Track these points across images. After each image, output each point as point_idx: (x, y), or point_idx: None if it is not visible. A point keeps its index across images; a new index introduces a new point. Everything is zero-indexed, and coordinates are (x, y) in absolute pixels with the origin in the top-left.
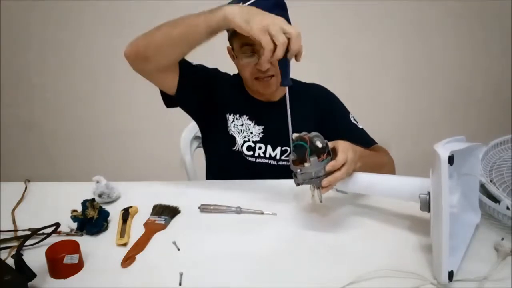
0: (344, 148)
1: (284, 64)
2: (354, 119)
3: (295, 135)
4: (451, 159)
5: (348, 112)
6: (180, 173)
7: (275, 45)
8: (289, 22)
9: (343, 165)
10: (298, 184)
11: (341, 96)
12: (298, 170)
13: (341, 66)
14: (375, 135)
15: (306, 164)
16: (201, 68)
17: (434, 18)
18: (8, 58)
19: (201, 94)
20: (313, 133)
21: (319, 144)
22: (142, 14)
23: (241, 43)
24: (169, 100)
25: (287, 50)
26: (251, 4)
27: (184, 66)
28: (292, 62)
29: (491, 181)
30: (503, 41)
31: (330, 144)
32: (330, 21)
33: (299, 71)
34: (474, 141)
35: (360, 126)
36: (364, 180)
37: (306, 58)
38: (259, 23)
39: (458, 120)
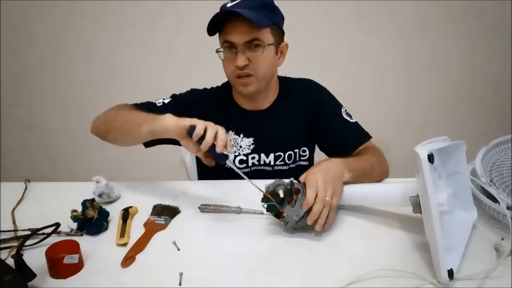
0: (311, 180)
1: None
2: (347, 113)
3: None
4: (430, 158)
5: (341, 106)
6: (180, 173)
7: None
8: (278, 25)
9: (316, 198)
10: (295, 229)
11: (341, 96)
12: (282, 223)
13: (341, 66)
14: (375, 135)
15: (284, 215)
16: (170, 108)
17: (434, 18)
18: (8, 58)
19: None
20: (274, 183)
21: (281, 193)
22: (142, 14)
23: (223, 40)
24: (146, 143)
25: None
26: (235, 5)
27: None
28: (294, 62)
29: (491, 181)
30: (503, 41)
31: (303, 176)
32: (330, 21)
33: (299, 71)
34: (475, 141)
35: (352, 120)
36: (356, 192)
37: (307, 58)
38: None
39: (458, 120)
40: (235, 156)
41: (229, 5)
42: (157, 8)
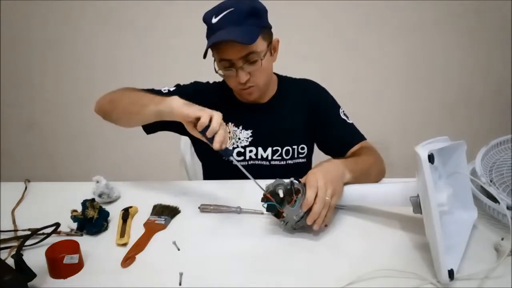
0: (311, 181)
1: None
2: (344, 114)
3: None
4: (430, 158)
5: (339, 107)
6: (180, 173)
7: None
8: (266, 26)
9: (316, 198)
10: (294, 229)
11: (340, 96)
12: (282, 222)
13: (341, 66)
14: (375, 135)
15: (284, 215)
16: (174, 95)
17: (434, 18)
18: (8, 58)
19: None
20: (274, 183)
21: (281, 193)
22: (142, 14)
23: (219, 58)
24: (148, 129)
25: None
26: (222, 20)
27: None
28: (293, 61)
29: (491, 181)
30: (503, 41)
31: (304, 177)
32: (330, 21)
33: (299, 70)
34: (475, 141)
35: (349, 121)
36: (356, 193)
37: (307, 57)
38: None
39: (458, 120)
40: (233, 148)
41: (214, 20)
42: (157, 8)
